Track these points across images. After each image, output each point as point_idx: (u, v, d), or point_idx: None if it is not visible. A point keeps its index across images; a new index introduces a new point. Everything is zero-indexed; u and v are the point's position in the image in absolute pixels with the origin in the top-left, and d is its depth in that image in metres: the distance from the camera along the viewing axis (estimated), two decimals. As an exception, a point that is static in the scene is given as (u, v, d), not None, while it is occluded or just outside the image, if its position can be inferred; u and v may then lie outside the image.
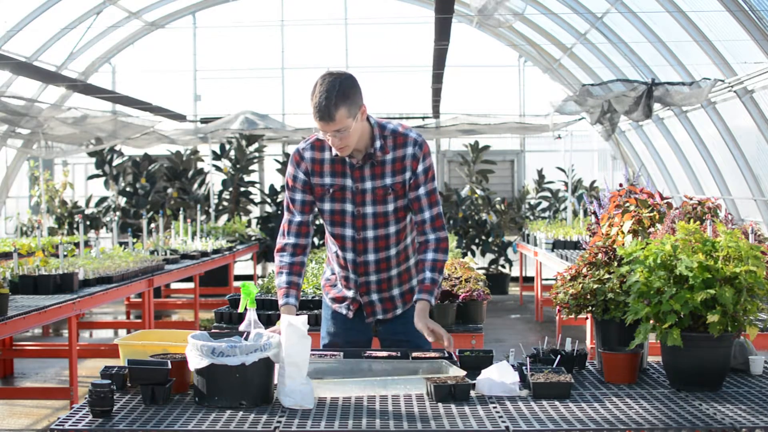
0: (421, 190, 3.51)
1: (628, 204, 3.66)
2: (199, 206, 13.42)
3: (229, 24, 15.74)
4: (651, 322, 3.00)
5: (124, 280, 7.62)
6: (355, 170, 3.49)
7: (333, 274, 3.76)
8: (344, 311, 3.72)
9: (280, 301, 3.50)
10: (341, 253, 3.63)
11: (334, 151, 3.46)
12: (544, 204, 15.60)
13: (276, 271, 3.60)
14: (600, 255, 3.49)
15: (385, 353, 3.43)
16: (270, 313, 5.21)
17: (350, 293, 3.68)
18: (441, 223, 3.55)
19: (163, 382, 2.83)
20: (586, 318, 5.80)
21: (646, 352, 3.40)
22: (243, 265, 15.23)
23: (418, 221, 3.55)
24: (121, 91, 13.88)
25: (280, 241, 3.62)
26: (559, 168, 15.16)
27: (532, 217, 15.18)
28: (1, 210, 15.27)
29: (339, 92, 3.28)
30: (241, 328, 3.03)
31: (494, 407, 2.79)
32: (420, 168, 3.49)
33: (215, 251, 10.91)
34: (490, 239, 14.77)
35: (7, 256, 9.85)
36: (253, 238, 13.63)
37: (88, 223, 14.55)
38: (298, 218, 3.58)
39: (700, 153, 11.68)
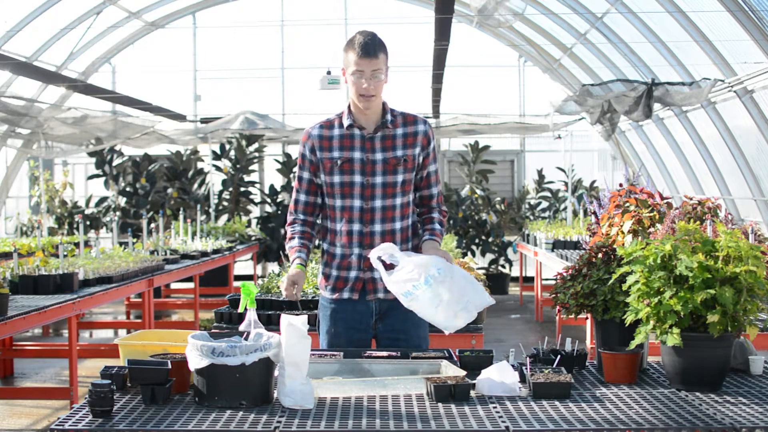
0: (431, 168, 3.80)
1: (628, 204, 3.66)
2: (199, 206, 13.42)
3: (229, 24, 15.73)
4: (651, 322, 3.00)
5: (124, 280, 7.62)
6: (365, 141, 3.69)
7: (328, 266, 3.77)
8: (347, 295, 3.71)
9: (291, 257, 3.70)
10: (347, 226, 3.69)
11: (345, 125, 3.69)
12: (544, 204, 15.60)
13: (288, 238, 3.79)
14: (600, 255, 3.49)
15: (385, 353, 3.43)
16: (270, 313, 5.21)
17: (353, 273, 3.71)
18: (442, 198, 3.90)
19: (163, 382, 2.83)
20: (586, 318, 5.80)
21: (646, 352, 3.40)
22: (243, 265, 15.23)
23: (425, 195, 3.82)
24: (121, 91, 13.88)
25: (289, 218, 3.83)
26: (559, 168, 15.16)
27: (532, 217, 15.18)
28: (1, 210, 15.27)
29: (379, 39, 3.64)
30: (241, 328, 3.03)
31: (494, 407, 2.79)
32: (431, 147, 3.78)
33: (215, 251, 10.91)
34: (490, 239, 14.77)
35: (7, 256, 9.85)
36: (253, 238, 13.63)
37: (88, 223, 14.56)
38: (303, 197, 3.78)
39: (700, 153, 11.68)
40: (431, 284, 3.38)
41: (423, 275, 3.39)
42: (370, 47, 3.56)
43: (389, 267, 3.48)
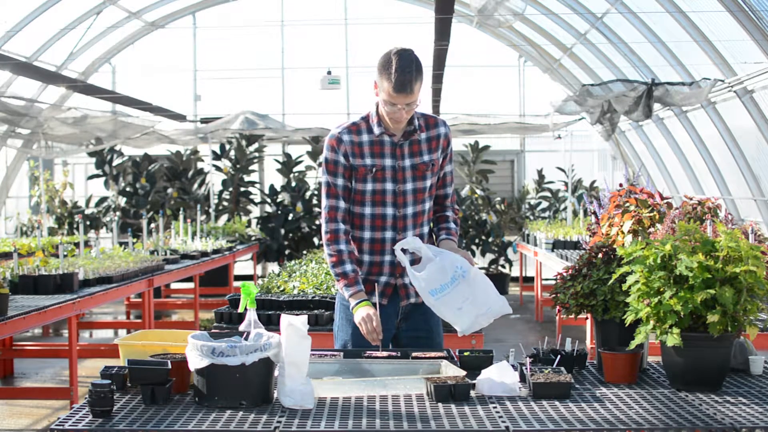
0: (447, 168, 3.80)
1: (628, 204, 3.66)
2: (199, 206, 13.42)
3: (229, 24, 15.74)
4: (651, 322, 3.00)
5: (124, 280, 7.62)
6: (396, 148, 3.66)
7: (354, 270, 3.69)
8: (376, 300, 3.65)
9: (352, 289, 3.57)
10: (379, 234, 3.67)
11: (376, 133, 3.63)
12: (544, 204, 15.60)
13: (334, 259, 3.62)
14: (600, 255, 3.49)
15: (385, 353, 3.43)
16: (270, 313, 5.21)
17: (383, 278, 3.68)
18: (455, 198, 3.90)
19: (163, 382, 2.83)
20: (586, 318, 5.80)
21: (646, 352, 3.39)
22: (243, 265, 15.23)
23: (440, 195, 3.82)
24: (121, 91, 13.88)
25: (330, 227, 3.65)
26: (559, 168, 15.16)
27: (532, 217, 15.18)
28: (1, 210, 15.27)
29: (416, 67, 3.52)
30: (241, 328, 3.02)
31: (494, 407, 2.79)
32: (449, 148, 3.78)
33: (215, 251, 10.91)
34: (490, 239, 14.77)
35: (7, 256, 9.85)
36: (253, 238, 13.63)
37: (88, 223, 14.56)
38: (343, 204, 3.67)
39: (700, 153, 11.68)
40: (457, 284, 3.39)
41: (449, 274, 3.40)
42: (407, 85, 3.45)
43: (413, 261, 3.51)
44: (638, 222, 3.56)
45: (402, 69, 3.46)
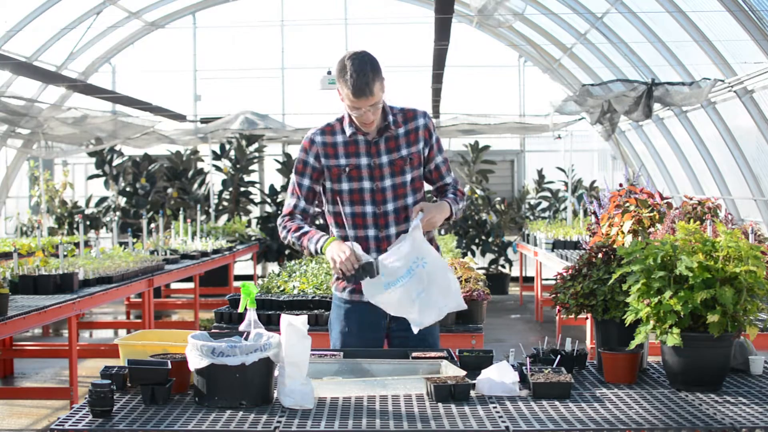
0: (438, 158, 3.75)
1: (628, 204, 3.66)
2: (199, 206, 13.42)
3: (229, 24, 15.74)
4: (651, 322, 3.00)
5: (124, 280, 7.62)
6: (371, 146, 3.65)
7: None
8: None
9: (315, 237, 3.58)
10: (362, 232, 3.67)
11: (348, 133, 3.63)
12: (544, 204, 15.60)
13: (293, 227, 3.66)
14: (600, 255, 3.49)
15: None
16: (270, 313, 5.21)
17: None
18: (461, 189, 3.81)
19: (163, 382, 2.83)
20: (586, 318, 5.80)
21: (646, 352, 3.40)
22: (243, 265, 15.23)
23: (440, 185, 3.78)
24: (121, 91, 13.88)
25: (287, 211, 3.72)
26: (559, 168, 15.16)
27: (532, 217, 15.18)
28: (1, 210, 15.27)
29: (372, 68, 3.46)
30: (241, 328, 3.02)
31: (494, 407, 2.79)
32: (433, 138, 3.73)
33: (215, 251, 10.91)
34: (490, 239, 14.77)
35: (7, 256, 9.85)
36: (253, 238, 13.63)
37: (88, 223, 14.55)
38: (303, 204, 3.71)
39: (700, 153, 11.68)
40: (413, 275, 3.37)
41: (407, 266, 3.38)
42: (365, 88, 3.43)
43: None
44: (638, 222, 3.57)
45: (357, 73, 3.43)
